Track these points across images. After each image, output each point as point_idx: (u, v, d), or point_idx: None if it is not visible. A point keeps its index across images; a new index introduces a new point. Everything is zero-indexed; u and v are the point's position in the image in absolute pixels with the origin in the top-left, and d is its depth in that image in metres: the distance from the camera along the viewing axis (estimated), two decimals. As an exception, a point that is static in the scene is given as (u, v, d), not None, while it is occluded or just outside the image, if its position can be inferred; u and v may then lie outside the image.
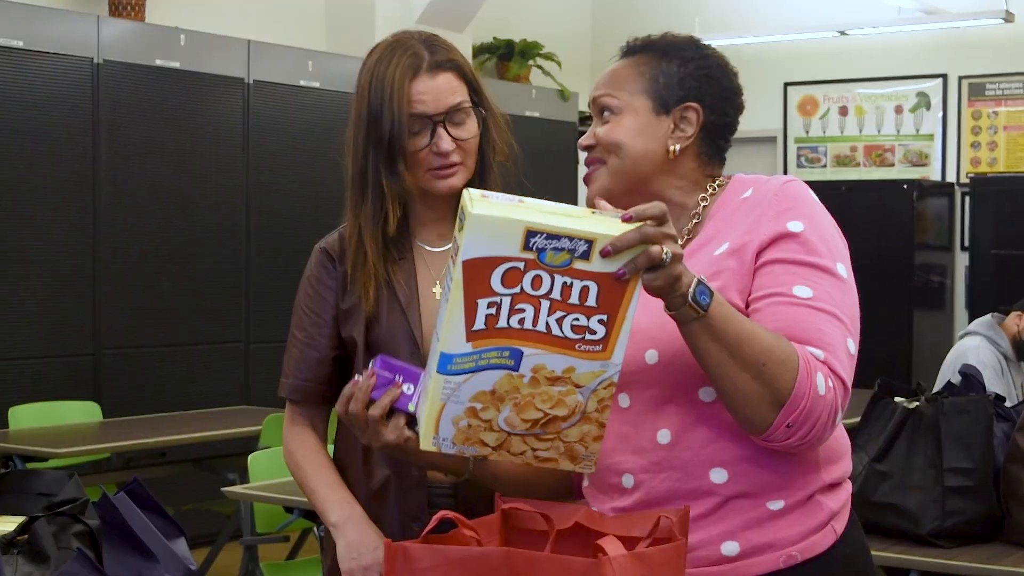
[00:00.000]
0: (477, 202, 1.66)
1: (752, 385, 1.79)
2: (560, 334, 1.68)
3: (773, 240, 1.93)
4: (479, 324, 1.69)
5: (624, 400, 1.96)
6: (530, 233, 1.65)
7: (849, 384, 1.87)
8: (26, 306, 6.37)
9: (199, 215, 7.12)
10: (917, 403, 3.48)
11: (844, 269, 1.94)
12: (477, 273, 1.66)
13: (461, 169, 2.40)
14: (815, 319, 1.87)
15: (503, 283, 1.67)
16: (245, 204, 7.34)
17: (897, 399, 3.52)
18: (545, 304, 1.67)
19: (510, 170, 2.50)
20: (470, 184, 2.41)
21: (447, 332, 1.70)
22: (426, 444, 1.77)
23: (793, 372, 1.79)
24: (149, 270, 6.88)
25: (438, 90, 2.36)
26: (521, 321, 1.68)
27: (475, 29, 8.92)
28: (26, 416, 5.85)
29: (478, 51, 9.40)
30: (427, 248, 2.46)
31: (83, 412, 6.11)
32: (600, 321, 1.68)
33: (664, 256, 1.69)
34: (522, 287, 1.67)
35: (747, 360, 1.79)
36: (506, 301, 1.68)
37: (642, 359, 1.92)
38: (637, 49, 2.08)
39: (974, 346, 5.50)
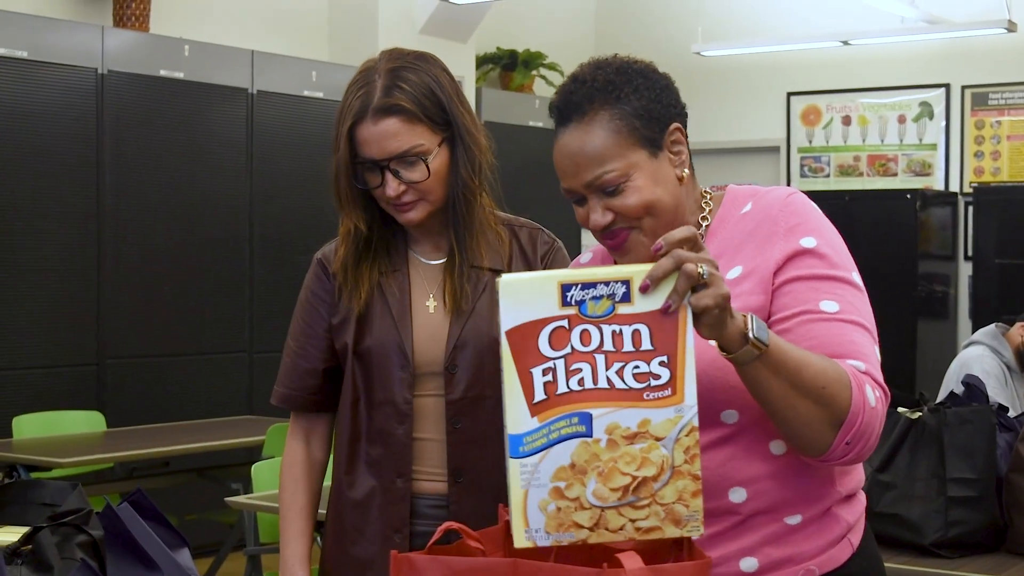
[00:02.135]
0: (506, 275, 1.66)
1: (814, 410, 1.77)
2: (624, 386, 1.62)
3: (788, 259, 1.90)
4: (539, 395, 1.63)
5: None
6: (565, 287, 1.63)
7: (888, 393, 1.87)
8: (30, 316, 6.38)
9: (203, 225, 7.13)
10: (920, 413, 3.47)
11: (857, 277, 1.94)
12: (523, 341, 1.63)
13: (419, 205, 2.38)
14: (847, 332, 1.86)
15: (551, 346, 1.63)
16: (249, 213, 7.35)
17: (900, 409, 3.51)
18: (600, 358, 1.62)
19: (496, 188, 2.49)
20: (439, 214, 2.42)
21: (510, 413, 1.64)
22: (520, 541, 1.65)
23: (848, 390, 1.78)
24: (153, 280, 6.89)
25: (380, 137, 2.33)
26: (581, 382, 1.63)
27: (478, 39, 8.93)
28: (30, 426, 5.85)
29: (481, 61, 9.41)
30: (422, 260, 2.47)
31: (87, 422, 6.12)
32: (661, 363, 1.62)
33: (700, 271, 1.62)
34: (572, 346, 1.63)
35: (808, 386, 1.76)
36: (560, 364, 1.63)
37: None
38: (582, 106, 1.94)
39: (977, 355, 5.49)
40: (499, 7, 9.10)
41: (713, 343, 1.75)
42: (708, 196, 2.03)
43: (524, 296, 1.64)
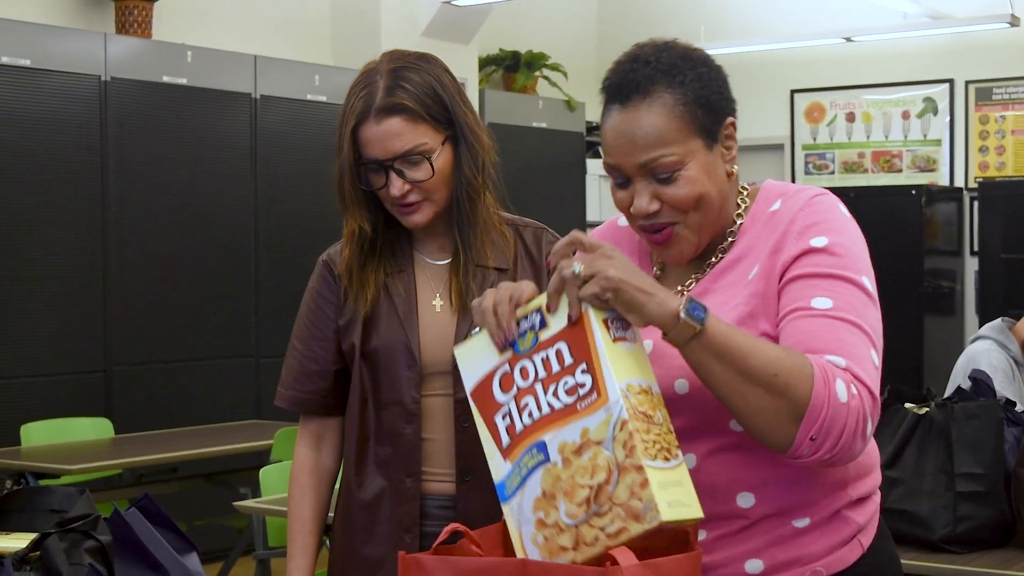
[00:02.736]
0: (456, 347, 1.82)
1: (766, 399, 1.70)
2: (561, 404, 1.68)
3: (795, 258, 1.85)
4: (505, 439, 1.73)
5: None
6: None
7: (877, 393, 1.77)
8: (37, 323, 6.38)
9: (208, 230, 7.14)
10: (927, 409, 3.47)
11: (869, 283, 1.86)
12: (483, 396, 1.76)
13: (424, 205, 2.39)
14: (834, 328, 1.78)
15: (502, 390, 1.73)
16: (254, 218, 7.36)
17: (907, 405, 3.51)
18: (539, 387, 1.70)
19: (500, 187, 2.49)
20: (444, 215, 2.42)
21: (491, 463, 1.75)
22: None
23: (808, 381, 1.70)
24: (159, 286, 6.89)
25: (384, 137, 2.34)
26: (530, 414, 1.71)
27: (481, 41, 8.93)
28: (38, 433, 5.85)
29: (484, 63, 9.41)
30: (427, 260, 2.47)
31: (95, 428, 6.12)
32: (583, 371, 1.67)
33: (573, 271, 1.67)
34: (516, 385, 1.72)
35: (756, 373, 1.70)
36: (512, 405, 1.72)
37: (671, 388, 1.86)
38: (644, 85, 1.88)
39: (984, 349, 5.47)
40: (501, 9, 9.10)
41: None
42: (745, 192, 2.00)
43: (473, 356, 1.77)
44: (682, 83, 1.87)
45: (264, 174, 7.39)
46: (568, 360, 1.68)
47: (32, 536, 1.80)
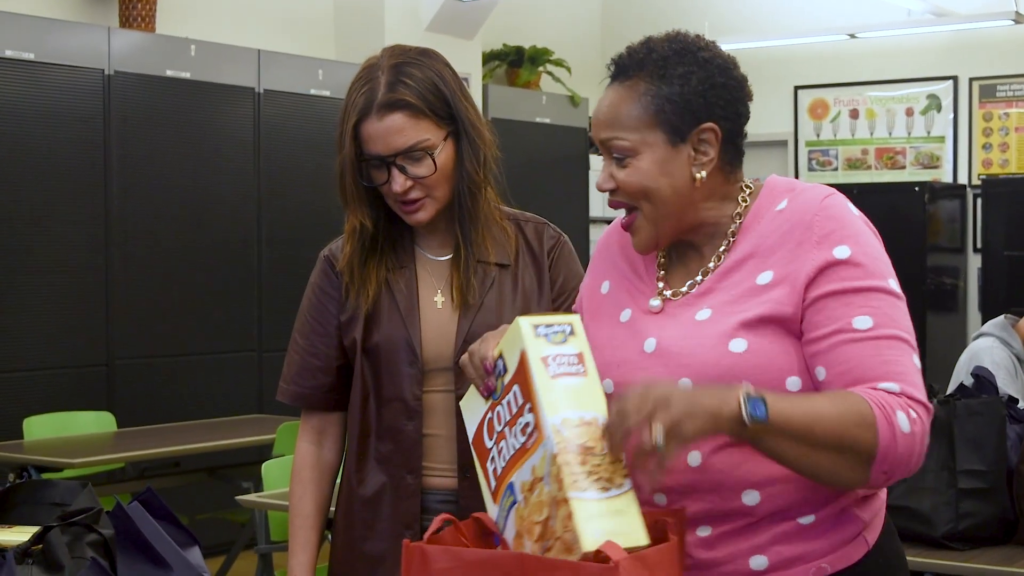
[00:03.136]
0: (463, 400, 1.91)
1: (837, 459, 1.76)
2: (518, 444, 1.75)
3: (820, 271, 1.85)
4: (492, 483, 1.80)
5: None
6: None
7: (928, 404, 1.82)
8: (40, 317, 6.39)
9: (211, 224, 7.13)
10: (930, 405, 3.47)
11: (895, 284, 1.89)
12: (479, 443, 1.84)
13: (426, 203, 2.38)
14: (882, 351, 1.81)
15: (488, 436, 1.82)
16: (256, 213, 7.36)
17: (910, 402, 3.51)
18: (507, 430, 1.78)
19: (501, 182, 2.48)
20: (446, 211, 2.41)
21: (488, 509, 1.82)
22: None
23: (872, 429, 1.74)
24: (161, 280, 6.89)
25: (386, 133, 2.33)
26: (504, 457, 1.78)
27: (484, 36, 8.93)
28: (41, 427, 5.86)
29: (488, 58, 9.40)
30: (428, 256, 2.47)
31: (97, 422, 6.12)
32: (529, 410, 1.73)
33: (651, 443, 1.66)
34: (495, 430, 1.80)
35: (823, 441, 1.74)
36: (495, 449, 1.80)
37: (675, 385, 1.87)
38: (629, 70, 1.94)
39: (987, 346, 5.47)
40: (505, 4, 9.09)
41: (733, 349, 1.82)
42: (749, 191, 1.99)
43: (470, 407, 1.86)
44: (662, 76, 1.92)
45: (267, 168, 7.38)
46: (520, 401, 1.74)
47: (34, 529, 1.80)
